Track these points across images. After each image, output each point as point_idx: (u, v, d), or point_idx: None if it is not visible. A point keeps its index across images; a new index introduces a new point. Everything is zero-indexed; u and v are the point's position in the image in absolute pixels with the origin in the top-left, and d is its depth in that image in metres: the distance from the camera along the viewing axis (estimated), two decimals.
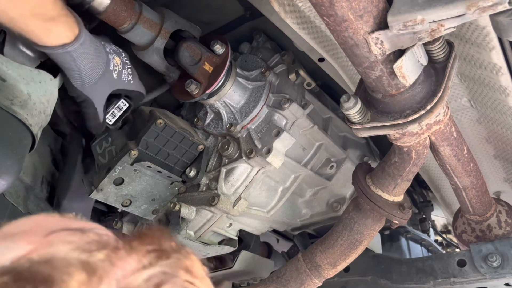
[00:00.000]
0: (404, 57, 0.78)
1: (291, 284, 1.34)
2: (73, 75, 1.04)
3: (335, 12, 0.69)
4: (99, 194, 1.27)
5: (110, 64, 1.09)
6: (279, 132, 1.28)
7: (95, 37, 1.07)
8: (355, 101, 0.90)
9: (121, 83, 1.14)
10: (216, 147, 1.40)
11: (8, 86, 0.96)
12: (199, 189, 1.36)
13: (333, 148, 1.56)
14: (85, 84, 1.06)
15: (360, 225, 1.26)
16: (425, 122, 0.90)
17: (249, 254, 1.64)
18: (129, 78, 1.16)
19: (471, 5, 0.63)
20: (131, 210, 1.37)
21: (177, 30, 1.21)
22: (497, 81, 1.11)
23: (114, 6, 1.06)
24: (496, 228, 1.42)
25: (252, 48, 1.51)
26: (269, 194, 1.48)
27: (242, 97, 1.36)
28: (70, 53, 0.98)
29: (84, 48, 1.00)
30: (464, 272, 1.36)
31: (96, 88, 1.09)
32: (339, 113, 1.65)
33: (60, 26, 0.93)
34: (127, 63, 1.16)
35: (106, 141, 1.33)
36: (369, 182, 1.20)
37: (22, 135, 0.98)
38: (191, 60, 1.26)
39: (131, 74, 1.17)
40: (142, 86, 1.24)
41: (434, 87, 0.88)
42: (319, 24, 1.18)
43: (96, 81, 1.07)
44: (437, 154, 1.09)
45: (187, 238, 1.31)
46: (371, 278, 1.59)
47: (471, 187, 1.26)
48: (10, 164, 0.92)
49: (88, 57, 1.02)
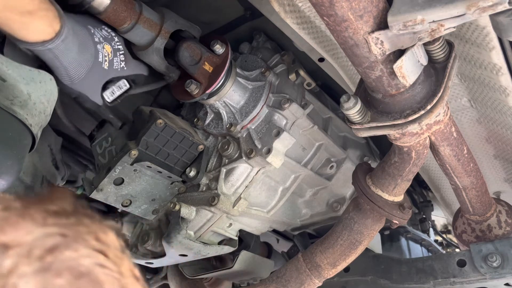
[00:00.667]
0: (404, 57, 0.78)
1: (291, 284, 1.34)
2: (59, 73, 1.01)
3: (335, 12, 0.69)
4: (99, 194, 1.27)
5: (98, 56, 1.05)
6: (279, 132, 1.28)
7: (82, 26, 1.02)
8: (355, 101, 0.90)
9: (114, 71, 1.12)
10: (216, 147, 1.40)
11: (8, 86, 0.96)
12: (199, 189, 1.36)
13: (333, 148, 1.56)
14: (74, 80, 1.03)
15: (360, 225, 1.26)
16: (425, 122, 0.90)
17: (249, 254, 1.63)
18: (121, 65, 1.13)
19: (471, 5, 0.63)
20: (131, 210, 1.37)
21: (177, 30, 1.21)
22: (497, 81, 1.11)
23: (114, 6, 1.06)
24: (496, 228, 1.42)
25: (252, 48, 1.51)
26: (269, 194, 1.48)
27: (242, 97, 1.36)
28: (51, 50, 0.95)
29: (67, 45, 0.96)
30: (464, 272, 1.36)
31: (87, 82, 1.07)
32: (339, 113, 1.65)
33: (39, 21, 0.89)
34: (120, 48, 1.12)
35: (106, 141, 1.33)
36: (369, 182, 1.20)
37: (22, 135, 0.98)
38: (191, 60, 1.26)
39: (124, 60, 1.13)
40: (141, 67, 1.20)
41: (434, 87, 0.88)
42: (319, 24, 1.18)
43: (85, 75, 1.04)
44: (437, 154, 1.09)
45: (187, 238, 1.31)
46: (371, 278, 1.59)
47: (471, 187, 1.26)
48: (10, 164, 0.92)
49: (72, 53, 0.99)
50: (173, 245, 1.31)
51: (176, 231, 1.31)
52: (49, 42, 0.93)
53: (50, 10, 0.91)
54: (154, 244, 1.39)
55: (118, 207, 1.35)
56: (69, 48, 0.98)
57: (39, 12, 0.88)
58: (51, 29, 0.92)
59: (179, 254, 1.36)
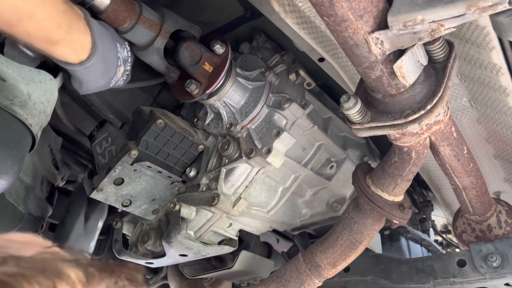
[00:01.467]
0: (404, 57, 0.78)
1: (291, 284, 1.34)
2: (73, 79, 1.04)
3: (335, 12, 0.69)
4: (99, 194, 1.27)
5: (112, 79, 1.09)
6: (279, 132, 1.28)
7: (113, 49, 1.05)
8: (355, 101, 0.90)
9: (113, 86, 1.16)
10: (216, 147, 1.40)
11: (8, 86, 0.96)
12: (199, 189, 1.36)
13: (333, 148, 1.56)
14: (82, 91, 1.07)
15: (360, 225, 1.26)
16: (425, 122, 0.90)
17: (249, 254, 1.63)
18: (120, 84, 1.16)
19: (471, 5, 0.63)
20: (131, 210, 1.37)
21: (177, 30, 1.21)
22: (497, 81, 1.11)
23: (114, 6, 1.06)
24: (496, 228, 1.42)
25: (252, 48, 1.51)
26: (269, 194, 1.48)
27: (242, 97, 1.36)
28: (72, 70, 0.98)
29: (89, 71, 0.99)
30: (464, 272, 1.36)
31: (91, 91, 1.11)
32: (339, 113, 1.65)
33: (63, 50, 0.91)
34: (128, 69, 1.15)
35: (106, 141, 1.33)
36: (369, 182, 1.20)
37: (22, 135, 0.98)
38: (191, 60, 1.26)
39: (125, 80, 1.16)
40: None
41: (434, 87, 0.88)
42: (319, 24, 1.18)
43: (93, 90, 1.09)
44: (437, 154, 1.09)
45: (187, 238, 1.31)
46: (371, 278, 1.59)
47: (471, 187, 1.26)
48: (10, 164, 0.92)
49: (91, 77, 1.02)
50: (173, 245, 1.31)
51: (176, 231, 1.31)
52: (71, 65, 0.96)
53: (78, 41, 0.93)
54: (154, 244, 1.39)
55: (118, 207, 1.35)
56: (90, 73, 1.01)
57: (64, 42, 0.90)
58: (76, 57, 0.95)
59: (179, 254, 1.36)
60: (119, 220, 1.49)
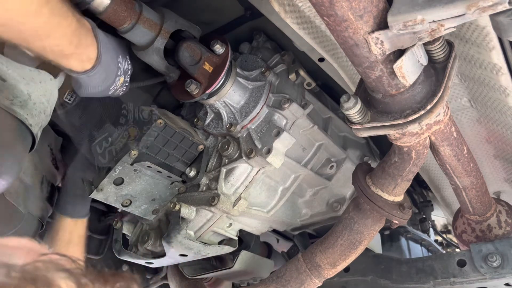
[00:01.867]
0: (404, 57, 0.78)
1: (291, 284, 1.34)
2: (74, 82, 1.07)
3: (335, 12, 0.69)
4: (99, 194, 1.27)
5: (111, 87, 1.13)
6: (279, 132, 1.28)
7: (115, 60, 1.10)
8: (355, 101, 0.90)
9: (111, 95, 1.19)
10: (216, 147, 1.40)
11: (8, 86, 0.96)
12: (199, 189, 1.36)
13: (333, 148, 1.56)
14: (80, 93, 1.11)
15: (360, 225, 1.26)
16: (425, 122, 0.90)
17: (249, 254, 1.64)
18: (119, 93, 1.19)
19: (471, 5, 0.63)
20: (131, 210, 1.37)
21: (177, 30, 1.21)
22: (497, 81, 1.11)
23: (114, 6, 1.06)
24: (496, 228, 1.42)
25: (252, 48, 1.51)
26: (269, 194, 1.48)
27: (242, 97, 1.36)
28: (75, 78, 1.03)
29: (90, 78, 1.04)
30: (464, 272, 1.36)
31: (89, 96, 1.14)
32: (339, 113, 1.65)
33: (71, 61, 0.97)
34: (127, 80, 1.19)
35: (106, 141, 1.33)
36: (369, 182, 1.20)
37: (22, 135, 0.98)
38: (191, 60, 1.26)
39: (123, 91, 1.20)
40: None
41: (434, 87, 0.88)
42: (319, 24, 1.18)
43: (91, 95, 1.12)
44: (437, 154, 1.09)
45: (187, 238, 1.31)
46: (371, 278, 1.59)
47: (471, 187, 1.26)
48: (10, 164, 0.92)
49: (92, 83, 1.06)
50: (173, 245, 1.31)
51: (176, 231, 1.31)
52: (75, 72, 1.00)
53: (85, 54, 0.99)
54: (154, 244, 1.39)
55: (118, 207, 1.35)
56: (91, 80, 1.05)
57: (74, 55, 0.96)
58: (81, 67, 1.00)
59: (179, 254, 1.36)
60: (119, 220, 1.49)
